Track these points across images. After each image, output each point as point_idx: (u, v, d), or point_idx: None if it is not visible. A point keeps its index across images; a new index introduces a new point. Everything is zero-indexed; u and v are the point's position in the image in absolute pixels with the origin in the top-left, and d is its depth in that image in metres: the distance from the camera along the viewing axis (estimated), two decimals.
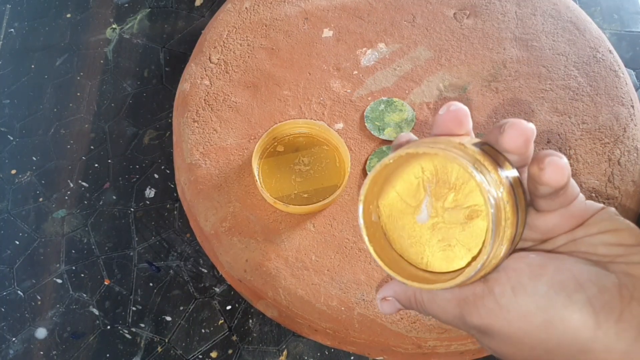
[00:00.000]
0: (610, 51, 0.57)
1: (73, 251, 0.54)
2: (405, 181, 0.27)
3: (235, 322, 0.51)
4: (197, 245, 0.54)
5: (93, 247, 0.54)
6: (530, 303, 0.24)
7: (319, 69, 0.56)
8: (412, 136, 0.28)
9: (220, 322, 0.51)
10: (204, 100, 0.55)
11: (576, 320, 0.23)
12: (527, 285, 0.24)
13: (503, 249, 0.24)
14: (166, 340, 0.51)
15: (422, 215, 0.27)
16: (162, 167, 0.58)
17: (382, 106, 0.54)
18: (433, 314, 0.28)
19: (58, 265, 0.54)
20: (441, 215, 0.26)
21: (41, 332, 0.51)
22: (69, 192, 0.57)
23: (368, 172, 0.51)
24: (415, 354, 0.47)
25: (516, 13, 0.59)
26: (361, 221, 0.27)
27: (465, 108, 0.26)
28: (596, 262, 0.25)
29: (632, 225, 0.25)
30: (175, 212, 0.56)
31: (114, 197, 0.57)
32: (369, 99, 0.55)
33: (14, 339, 0.51)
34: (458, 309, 0.26)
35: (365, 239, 0.27)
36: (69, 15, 0.67)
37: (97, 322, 0.51)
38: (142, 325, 0.51)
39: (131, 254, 0.54)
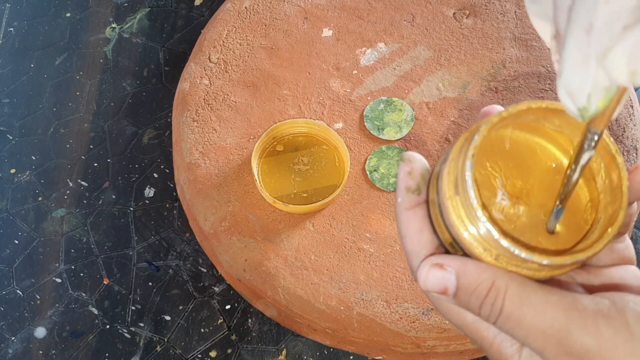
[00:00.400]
0: None
1: (72, 250, 0.54)
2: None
3: (235, 321, 0.51)
4: (197, 245, 0.54)
5: (92, 246, 0.54)
6: None
7: (319, 69, 0.56)
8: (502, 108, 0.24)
9: (220, 321, 0.51)
10: (204, 99, 0.55)
11: None
12: None
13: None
14: (165, 340, 0.51)
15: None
16: (162, 166, 0.58)
17: (382, 106, 0.54)
18: (511, 318, 0.21)
19: (57, 264, 0.54)
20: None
21: (40, 332, 0.51)
22: (68, 192, 0.57)
23: (368, 173, 0.51)
24: (415, 354, 0.47)
25: (516, 13, 0.59)
26: (469, 178, 0.21)
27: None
28: None
29: None
30: (175, 212, 0.56)
31: (114, 197, 0.57)
32: (369, 98, 0.55)
33: (13, 338, 0.51)
34: (565, 318, 0.20)
35: (476, 200, 0.21)
36: (68, 15, 0.67)
37: (97, 321, 0.51)
38: (142, 324, 0.51)
39: (130, 253, 0.54)
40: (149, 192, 0.57)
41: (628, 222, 0.24)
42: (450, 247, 0.24)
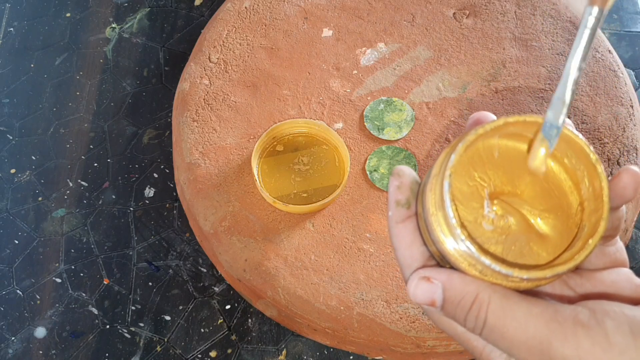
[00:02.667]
0: (609, 51, 0.57)
1: (72, 250, 0.54)
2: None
3: (235, 321, 0.51)
4: (197, 245, 0.54)
5: (92, 246, 0.54)
6: None
7: (319, 69, 0.56)
8: (491, 115, 0.25)
9: (220, 321, 0.51)
10: (204, 99, 0.55)
11: None
12: None
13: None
14: (165, 340, 0.51)
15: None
16: (162, 166, 0.58)
17: (382, 106, 0.54)
18: (494, 330, 0.22)
19: (57, 264, 0.54)
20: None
21: (40, 332, 0.51)
22: (68, 192, 0.57)
23: (368, 173, 0.51)
24: (415, 354, 0.47)
25: (516, 13, 0.59)
26: (448, 198, 0.22)
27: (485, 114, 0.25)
28: None
29: None
30: (175, 212, 0.56)
31: (114, 197, 0.57)
32: (369, 98, 0.55)
33: (13, 338, 0.51)
34: (546, 330, 0.21)
35: (454, 218, 0.22)
36: (68, 15, 0.67)
37: (97, 321, 0.51)
38: (142, 324, 0.51)
39: (130, 253, 0.54)
40: (149, 192, 0.57)
41: (617, 225, 0.25)
42: (440, 259, 0.24)
